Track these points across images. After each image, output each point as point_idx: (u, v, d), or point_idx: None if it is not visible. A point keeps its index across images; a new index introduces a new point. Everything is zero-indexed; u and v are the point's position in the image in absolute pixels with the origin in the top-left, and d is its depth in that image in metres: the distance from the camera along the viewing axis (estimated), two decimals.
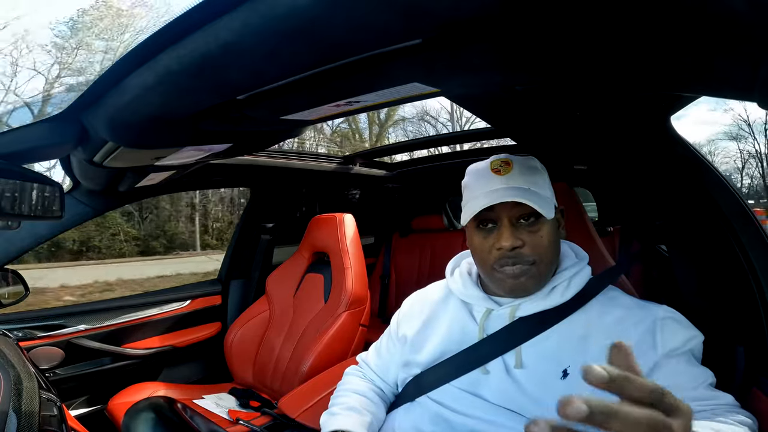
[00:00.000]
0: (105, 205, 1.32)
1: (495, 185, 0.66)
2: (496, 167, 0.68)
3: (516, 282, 0.65)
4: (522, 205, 0.64)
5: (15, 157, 0.64)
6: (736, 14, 0.30)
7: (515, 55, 0.44)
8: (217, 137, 0.78)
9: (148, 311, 1.58)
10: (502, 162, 0.68)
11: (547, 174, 0.72)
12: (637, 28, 0.37)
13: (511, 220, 0.65)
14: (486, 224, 0.67)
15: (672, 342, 0.59)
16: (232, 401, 1.42)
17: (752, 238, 0.75)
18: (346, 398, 0.78)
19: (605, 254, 0.85)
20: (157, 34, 0.41)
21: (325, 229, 1.55)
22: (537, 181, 0.67)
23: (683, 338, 0.60)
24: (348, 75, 0.47)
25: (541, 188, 0.67)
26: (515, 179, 0.66)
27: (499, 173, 0.67)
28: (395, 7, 0.32)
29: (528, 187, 0.65)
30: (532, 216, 0.65)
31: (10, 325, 1.29)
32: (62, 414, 0.69)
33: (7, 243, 1.16)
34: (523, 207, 0.64)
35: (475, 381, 0.67)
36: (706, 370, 0.60)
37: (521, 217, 0.65)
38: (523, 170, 0.68)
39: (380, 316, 2.36)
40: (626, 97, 0.64)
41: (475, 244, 0.69)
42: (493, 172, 0.68)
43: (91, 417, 1.40)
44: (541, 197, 0.65)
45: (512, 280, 0.65)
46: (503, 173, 0.67)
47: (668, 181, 0.86)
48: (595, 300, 0.67)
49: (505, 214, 0.65)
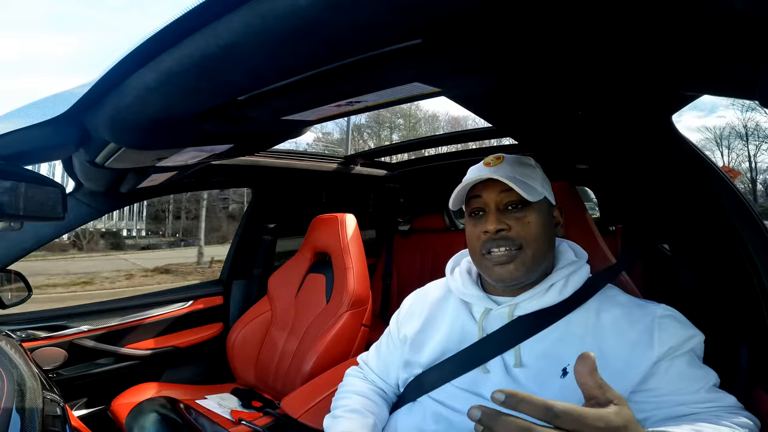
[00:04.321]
0: (107, 205, 1.33)
1: (483, 174, 0.69)
2: (487, 161, 0.72)
3: (503, 269, 0.66)
4: (509, 192, 0.67)
5: (17, 158, 0.65)
6: (738, 13, 0.30)
7: (516, 55, 0.44)
8: (218, 138, 0.78)
9: (150, 312, 1.59)
10: (494, 157, 0.72)
11: (540, 171, 0.74)
12: (640, 27, 0.37)
13: (498, 206, 0.68)
14: (477, 213, 0.71)
15: (670, 341, 0.59)
16: (235, 401, 1.42)
17: (755, 236, 0.75)
18: (348, 400, 0.78)
19: (607, 253, 0.85)
20: (158, 34, 0.41)
21: (327, 229, 1.55)
22: (526, 173, 0.70)
23: (682, 337, 0.60)
24: (348, 75, 0.47)
25: (530, 179, 0.69)
26: (503, 169, 0.69)
27: (489, 165, 0.71)
28: (395, 6, 0.32)
29: (514, 176, 0.68)
30: (519, 203, 0.68)
31: (13, 325, 1.29)
32: (65, 414, 0.70)
33: (9, 244, 1.17)
34: (510, 194, 0.67)
35: (475, 380, 0.67)
36: (709, 371, 0.60)
37: (508, 204, 0.68)
38: (512, 163, 0.71)
39: (382, 316, 2.36)
40: (628, 95, 0.64)
41: (468, 233, 0.72)
42: (484, 165, 0.72)
43: (94, 417, 1.40)
44: (527, 186, 0.67)
45: (499, 267, 0.66)
46: (492, 165, 0.71)
47: (670, 180, 0.85)
48: (594, 299, 0.67)
49: (492, 200, 0.68)
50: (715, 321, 0.77)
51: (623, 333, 0.61)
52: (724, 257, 0.80)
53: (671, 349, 0.59)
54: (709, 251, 0.84)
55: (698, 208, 0.83)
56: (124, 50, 0.45)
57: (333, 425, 0.73)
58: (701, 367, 0.60)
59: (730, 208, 0.77)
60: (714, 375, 0.59)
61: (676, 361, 0.58)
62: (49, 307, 1.40)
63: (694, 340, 0.61)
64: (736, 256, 0.76)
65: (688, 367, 0.58)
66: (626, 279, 0.82)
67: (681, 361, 0.59)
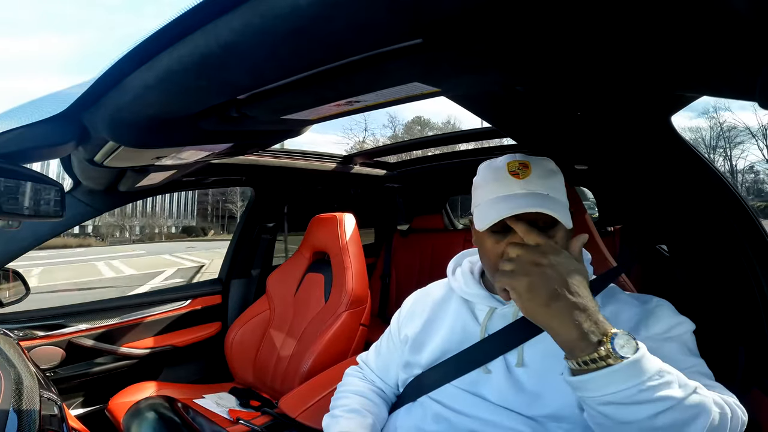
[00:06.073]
0: (106, 204, 1.32)
1: (513, 189, 0.63)
2: (513, 170, 0.64)
3: None
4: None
5: (15, 157, 0.64)
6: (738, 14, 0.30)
7: (516, 55, 0.44)
8: (217, 137, 0.78)
9: (148, 311, 1.58)
10: (519, 164, 0.64)
11: (562, 176, 0.67)
12: (640, 27, 0.37)
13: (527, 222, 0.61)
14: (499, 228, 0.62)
15: (656, 327, 0.60)
16: (233, 401, 1.42)
17: (753, 238, 0.75)
18: (347, 400, 0.78)
19: (606, 254, 0.85)
20: (158, 33, 0.41)
21: (326, 228, 1.55)
22: (555, 185, 0.64)
23: (668, 324, 0.60)
24: (348, 75, 0.47)
25: (559, 193, 0.64)
26: (534, 184, 0.62)
27: (517, 176, 0.63)
28: (395, 6, 0.32)
29: (547, 193, 0.62)
30: (549, 221, 0.61)
31: (11, 324, 1.29)
32: (63, 413, 0.70)
33: (7, 243, 1.16)
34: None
35: (476, 381, 0.67)
36: (701, 361, 0.59)
37: (537, 222, 0.61)
38: (541, 174, 0.64)
39: (380, 315, 2.36)
40: (627, 96, 0.64)
41: (486, 247, 0.65)
42: (510, 174, 0.64)
43: (92, 416, 1.40)
44: (560, 204, 0.62)
45: None
46: (522, 177, 0.63)
47: (669, 181, 0.86)
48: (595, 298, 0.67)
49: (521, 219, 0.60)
50: (714, 322, 0.78)
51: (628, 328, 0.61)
52: (722, 258, 0.80)
53: (657, 334, 0.60)
54: (707, 253, 0.85)
55: (696, 209, 0.83)
56: (124, 48, 0.45)
57: (332, 424, 0.73)
58: (690, 357, 0.59)
59: (728, 209, 0.77)
60: (703, 364, 0.59)
61: (665, 345, 0.58)
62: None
63: (681, 328, 0.61)
64: (734, 258, 0.76)
65: (676, 353, 0.58)
66: (624, 279, 0.82)
67: (669, 346, 0.59)
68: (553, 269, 0.53)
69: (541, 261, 0.54)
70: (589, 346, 0.48)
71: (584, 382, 0.49)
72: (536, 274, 0.53)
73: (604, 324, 0.50)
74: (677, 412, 0.47)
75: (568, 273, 0.53)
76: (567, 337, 0.50)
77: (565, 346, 0.51)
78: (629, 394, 0.47)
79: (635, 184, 0.99)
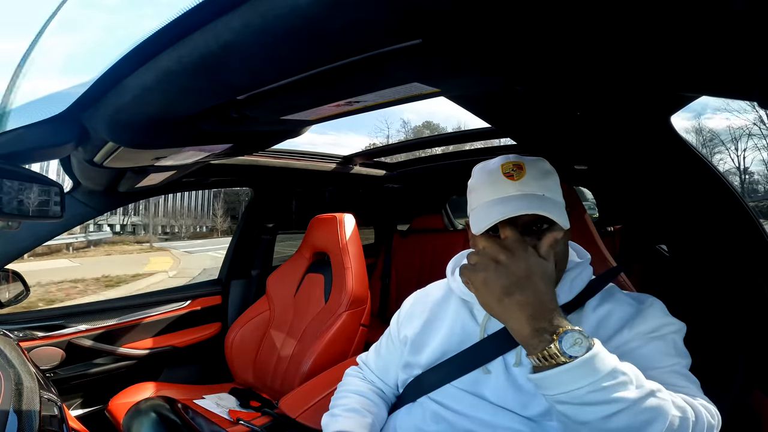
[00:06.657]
0: (105, 205, 1.32)
1: (508, 191, 0.62)
2: (508, 171, 0.64)
3: None
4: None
5: (15, 158, 0.64)
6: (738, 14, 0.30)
7: (516, 55, 0.44)
8: (217, 137, 0.78)
9: (148, 311, 1.58)
10: (514, 165, 0.64)
11: (557, 176, 0.67)
12: (639, 28, 0.37)
13: (523, 225, 0.61)
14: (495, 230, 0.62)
15: (642, 326, 0.60)
16: (233, 401, 1.42)
17: (752, 237, 0.75)
18: (347, 399, 0.78)
19: (606, 254, 0.85)
20: (157, 34, 0.41)
21: (325, 229, 1.54)
22: (550, 186, 0.64)
23: (655, 324, 0.60)
24: (348, 75, 0.47)
25: (555, 193, 0.64)
26: (529, 185, 0.62)
27: (511, 178, 0.63)
28: (395, 6, 0.32)
29: (542, 194, 0.62)
30: (545, 222, 0.61)
31: (10, 325, 1.29)
32: (62, 414, 0.70)
33: (7, 243, 1.16)
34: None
35: (476, 381, 0.67)
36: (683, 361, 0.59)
37: (533, 224, 0.61)
38: (536, 174, 0.64)
39: (380, 316, 2.36)
40: (627, 96, 0.64)
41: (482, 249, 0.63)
42: (505, 176, 0.63)
43: (92, 417, 1.40)
44: (556, 204, 0.62)
45: None
46: (516, 178, 0.63)
47: (669, 181, 0.86)
48: (594, 297, 0.67)
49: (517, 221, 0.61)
50: (714, 322, 0.78)
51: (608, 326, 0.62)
52: (722, 258, 0.80)
53: (643, 333, 0.60)
54: (706, 252, 0.85)
55: (696, 209, 0.83)
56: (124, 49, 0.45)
57: (331, 424, 0.73)
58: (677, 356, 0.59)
59: (728, 209, 0.77)
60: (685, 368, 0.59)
61: (649, 344, 0.59)
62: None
63: (670, 328, 0.61)
64: (734, 258, 0.76)
65: (657, 353, 0.58)
66: (624, 279, 0.82)
67: (653, 345, 0.59)
68: (512, 266, 0.54)
69: (500, 257, 0.55)
70: (541, 343, 0.50)
71: (539, 379, 0.50)
72: (492, 270, 0.54)
73: (560, 322, 0.50)
74: (630, 414, 0.47)
75: (527, 270, 0.53)
76: (520, 332, 0.52)
77: (521, 341, 0.52)
78: (579, 395, 0.47)
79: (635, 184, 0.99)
